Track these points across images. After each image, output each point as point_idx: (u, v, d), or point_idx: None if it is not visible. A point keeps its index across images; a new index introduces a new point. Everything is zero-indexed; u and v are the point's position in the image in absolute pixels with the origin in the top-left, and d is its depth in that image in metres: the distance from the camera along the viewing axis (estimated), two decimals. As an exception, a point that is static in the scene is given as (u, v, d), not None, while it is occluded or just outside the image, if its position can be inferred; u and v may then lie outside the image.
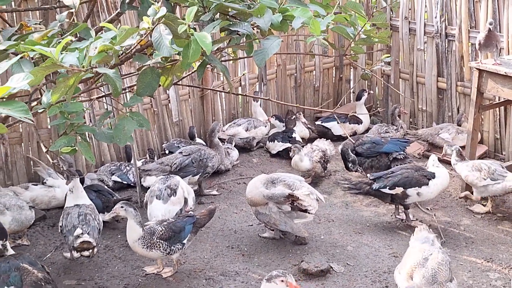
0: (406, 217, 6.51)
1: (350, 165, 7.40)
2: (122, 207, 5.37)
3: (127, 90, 5.45)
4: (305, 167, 7.48)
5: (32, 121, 2.87)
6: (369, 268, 5.69)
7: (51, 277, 4.81)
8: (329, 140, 8.18)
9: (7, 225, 5.73)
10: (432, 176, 6.32)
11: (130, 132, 3.40)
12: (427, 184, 6.28)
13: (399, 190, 6.28)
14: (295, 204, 5.87)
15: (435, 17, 8.18)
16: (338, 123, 8.39)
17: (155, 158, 7.78)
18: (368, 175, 6.73)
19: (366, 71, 5.04)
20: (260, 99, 9.08)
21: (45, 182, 6.95)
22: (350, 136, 7.86)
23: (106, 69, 3.01)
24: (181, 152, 7.17)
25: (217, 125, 7.54)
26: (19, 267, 4.68)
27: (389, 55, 5.76)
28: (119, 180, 7.41)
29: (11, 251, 4.99)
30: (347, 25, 4.13)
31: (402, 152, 7.35)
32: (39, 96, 4.33)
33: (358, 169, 7.38)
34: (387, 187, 6.32)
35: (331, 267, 5.66)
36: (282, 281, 3.98)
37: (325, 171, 7.72)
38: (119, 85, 3.02)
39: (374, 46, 9.06)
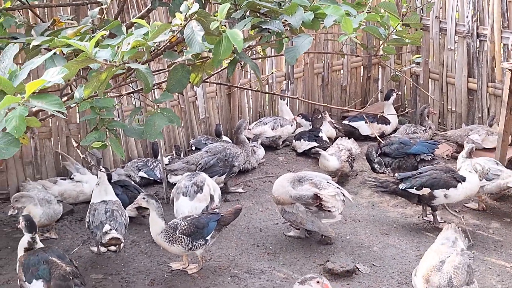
0: (434, 219, 6.44)
1: (376, 166, 7.36)
2: (144, 198, 5.41)
3: (155, 87, 5.47)
4: (334, 167, 7.43)
5: (65, 115, 2.89)
6: (395, 269, 5.64)
7: (78, 271, 4.85)
8: (353, 139, 8.13)
9: (36, 218, 5.80)
10: (462, 179, 6.23)
11: (161, 128, 3.41)
12: (455, 187, 6.20)
13: (426, 191, 6.21)
14: (322, 206, 5.84)
15: (467, 17, 8.08)
16: (366, 122, 8.33)
17: (181, 154, 7.81)
18: (396, 174, 6.67)
19: (396, 73, 4.98)
20: (287, 98, 9.07)
21: (73, 177, 7.03)
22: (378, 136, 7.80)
23: (139, 65, 3.02)
24: (206, 151, 7.18)
25: (244, 122, 7.53)
26: (47, 260, 4.73)
27: (419, 55, 5.68)
28: (145, 176, 7.45)
29: (40, 244, 5.04)
30: (378, 25, 4.10)
31: (430, 154, 7.27)
32: (69, 92, 4.38)
33: (384, 170, 7.33)
34: (414, 187, 6.25)
35: (357, 268, 5.62)
36: (318, 282, 3.95)
37: (352, 170, 7.67)
38: (150, 81, 3.03)
39: (404, 46, 8.97)
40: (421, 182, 6.23)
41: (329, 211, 5.84)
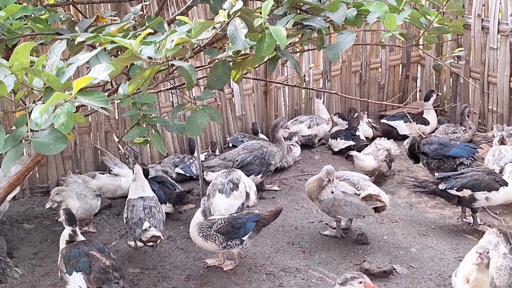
0: (474, 220, 6.33)
1: (419, 155, 7.24)
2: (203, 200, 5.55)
3: (197, 83, 5.48)
4: (371, 166, 7.36)
5: (109, 111, 2.93)
6: (433, 271, 5.57)
7: (117, 264, 4.91)
8: (392, 140, 8.04)
9: (74, 211, 5.88)
10: (504, 183, 6.10)
11: (203, 125, 3.43)
12: (497, 190, 6.07)
13: (466, 192, 6.10)
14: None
15: (510, 15, 7.91)
16: (406, 120, 8.25)
17: (217, 151, 7.83)
18: (436, 174, 6.57)
19: (438, 62, 4.88)
20: (323, 96, 9.03)
21: (111, 171, 7.11)
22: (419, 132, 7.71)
23: (182, 62, 3.04)
24: (243, 148, 7.18)
25: (282, 121, 7.49)
26: (88, 253, 4.82)
27: (462, 48, 5.57)
28: (182, 172, 7.49)
29: (81, 237, 5.15)
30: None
31: (470, 158, 7.13)
32: (109, 88, 4.43)
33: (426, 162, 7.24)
34: (454, 188, 6.15)
35: (394, 269, 5.56)
36: (361, 282, 3.81)
37: (389, 170, 7.59)
38: (194, 78, 3.04)
39: (444, 38, 8.81)
40: (462, 183, 6.12)
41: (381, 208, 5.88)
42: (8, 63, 2.79)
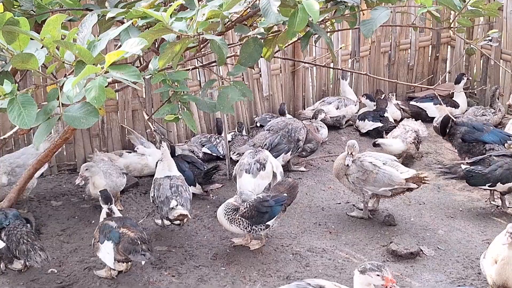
0: (502, 203, 6.25)
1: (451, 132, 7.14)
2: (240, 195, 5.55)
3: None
4: (399, 149, 7.27)
5: (138, 87, 2.91)
6: (461, 253, 5.51)
7: (147, 238, 5.01)
8: (420, 121, 7.94)
9: (99, 188, 5.95)
10: None
11: (234, 101, 3.40)
12: None
13: (500, 187, 6.02)
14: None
15: (543, -4, 7.74)
16: (436, 102, 8.13)
17: (243, 131, 7.81)
18: (467, 159, 6.47)
19: (471, 46, 4.79)
20: (350, 77, 8.95)
21: (136, 150, 7.13)
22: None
23: (214, 36, 3.01)
24: (269, 130, 7.14)
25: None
26: (120, 226, 4.98)
27: (496, 30, 5.44)
28: (208, 152, 7.50)
29: (118, 214, 5.29)
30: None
31: (501, 145, 6.98)
32: (138, 65, 4.42)
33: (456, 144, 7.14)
34: (487, 185, 6.05)
35: (421, 250, 5.51)
36: (378, 275, 3.75)
37: (418, 152, 7.51)
38: (225, 52, 3.01)
39: (476, 20, 8.64)
40: (495, 178, 5.99)
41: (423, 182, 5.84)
42: (40, 35, 2.78)
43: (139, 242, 4.85)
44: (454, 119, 7.14)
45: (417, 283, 5.06)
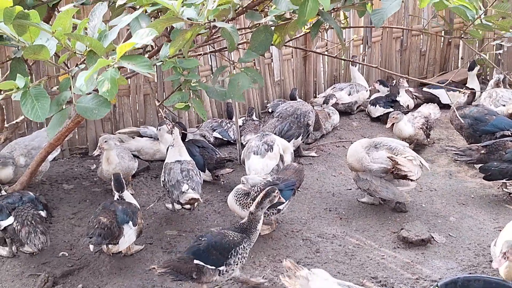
0: (515, 191, 6.23)
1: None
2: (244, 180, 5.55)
3: (236, 47, 5.44)
4: (407, 133, 7.24)
5: (151, 74, 2.91)
6: (472, 240, 5.50)
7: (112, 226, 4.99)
8: (435, 104, 7.90)
9: (112, 165, 6.02)
10: None
11: (245, 87, 3.38)
12: None
13: None
14: (394, 172, 5.73)
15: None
16: (448, 89, 8.06)
17: (254, 116, 7.81)
18: (480, 144, 6.43)
19: (481, 56, 4.76)
20: (358, 64, 8.91)
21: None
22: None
23: (224, 23, 2.99)
24: (277, 117, 7.13)
25: None
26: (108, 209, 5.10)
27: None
28: (219, 136, 7.51)
29: (130, 199, 5.33)
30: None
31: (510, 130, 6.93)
32: (149, 50, 4.41)
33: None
34: (505, 179, 6.08)
35: (432, 237, 5.50)
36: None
37: (428, 139, 7.47)
38: (236, 39, 3.00)
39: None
40: (505, 172, 6.01)
41: (406, 176, 5.71)
42: (51, 28, 2.79)
43: (104, 228, 4.90)
44: (457, 108, 7.10)
45: (428, 270, 5.05)
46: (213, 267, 4.50)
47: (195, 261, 4.47)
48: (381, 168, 5.73)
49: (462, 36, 4.32)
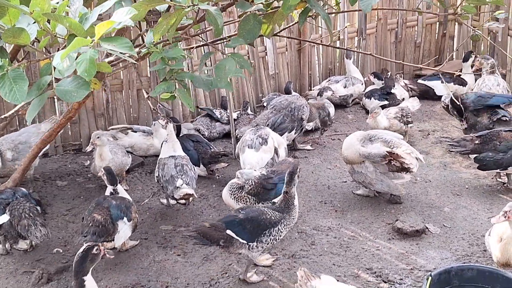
0: (508, 180, 6.22)
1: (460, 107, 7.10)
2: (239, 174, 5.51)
3: (225, 41, 5.41)
4: (383, 125, 7.07)
5: (136, 59, 2.88)
6: (466, 231, 5.49)
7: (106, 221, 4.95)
8: (415, 97, 7.93)
9: (105, 161, 6.00)
10: None
11: (231, 72, 3.31)
12: None
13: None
14: (392, 164, 5.70)
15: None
16: (442, 82, 8.03)
17: (248, 110, 7.78)
18: (473, 134, 6.42)
19: (476, 32, 4.72)
20: (355, 56, 8.88)
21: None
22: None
23: (208, 6, 2.95)
24: (271, 110, 7.11)
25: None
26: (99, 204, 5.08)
27: (502, 11, 5.35)
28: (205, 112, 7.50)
29: (123, 194, 5.31)
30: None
31: (507, 115, 6.92)
32: (141, 43, 4.38)
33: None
34: (500, 169, 6.08)
35: (427, 228, 5.50)
36: None
37: (408, 126, 7.33)
38: (220, 22, 2.96)
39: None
40: (506, 161, 5.98)
41: (408, 168, 5.69)
42: (29, 8, 2.74)
43: (99, 225, 4.87)
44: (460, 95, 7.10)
45: (422, 261, 5.04)
46: (244, 241, 4.63)
47: (227, 231, 4.62)
48: (379, 153, 5.69)
49: (457, 13, 4.27)
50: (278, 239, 4.76)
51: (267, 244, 4.71)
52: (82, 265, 3.81)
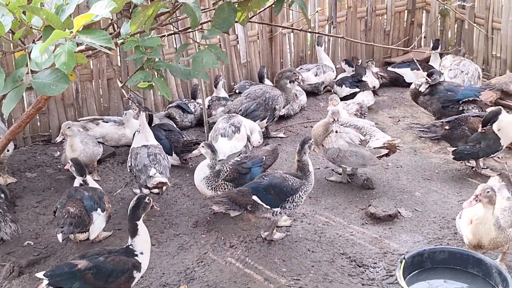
0: (476, 164, 6.33)
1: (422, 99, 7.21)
2: (203, 146, 5.48)
3: (197, 29, 5.38)
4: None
5: (111, 51, 2.85)
6: (437, 214, 5.59)
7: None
8: (370, 91, 8.08)
9: (77, 152, 5.97)
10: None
11: (208, 65, 3.33)
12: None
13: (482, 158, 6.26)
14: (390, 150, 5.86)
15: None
16: (413, 67, 8.15)
17: (219, 84, 7.74)
18: (443, 120, 6.52)
19: (445, 6, 4.78)
20: (326, 43, 8.92)
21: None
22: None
23: (186, -1, 2.95)
24: (246, 96, 7.12)
25: (290, 72, 7.32)
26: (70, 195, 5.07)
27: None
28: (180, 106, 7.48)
29: (93, 184, 5.29)
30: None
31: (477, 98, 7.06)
32: (112, 32, 4.34)
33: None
34: (471, 161, 6.29)
35: (399, 212, 5.58)
36: None
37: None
38: (198, 15, 2.96)
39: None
40: (477, 153, 6.11)
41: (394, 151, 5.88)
42: (4, 0, 2.70)
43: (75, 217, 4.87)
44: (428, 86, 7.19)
45: (395, 244, 5.12)
46: (268, 207, 4.95)
47: (253, 197, 4.94)
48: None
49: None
50: (300, 204, 5.10)
51: (290, 209, 5.07)
52: (136, 212, 4.30)
